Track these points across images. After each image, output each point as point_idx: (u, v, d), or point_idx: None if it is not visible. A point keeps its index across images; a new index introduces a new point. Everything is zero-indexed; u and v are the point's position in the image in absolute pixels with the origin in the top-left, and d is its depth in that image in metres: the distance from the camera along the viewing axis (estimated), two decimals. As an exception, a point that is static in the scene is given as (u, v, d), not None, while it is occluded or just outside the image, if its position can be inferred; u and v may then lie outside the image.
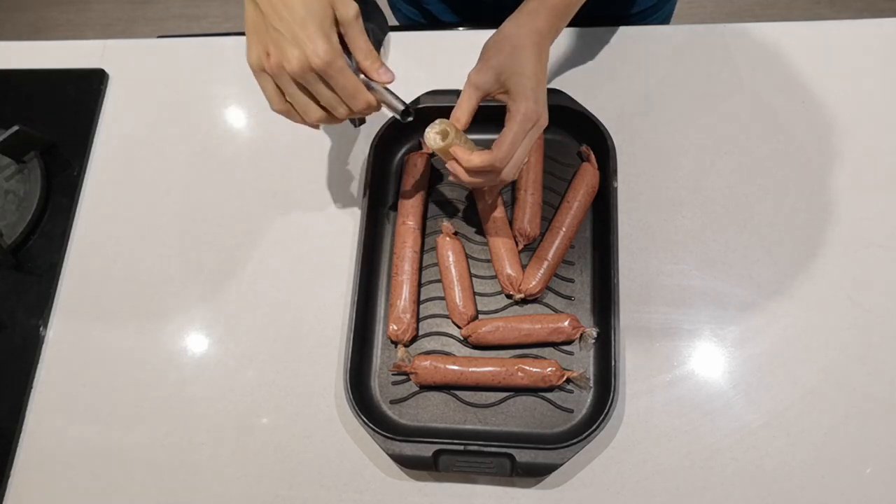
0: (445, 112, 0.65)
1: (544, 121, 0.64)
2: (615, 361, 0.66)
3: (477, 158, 0.62)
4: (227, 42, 0.93)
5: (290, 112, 0.61)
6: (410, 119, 0.63)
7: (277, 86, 0.59)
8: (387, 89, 0.61)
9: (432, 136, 0.64)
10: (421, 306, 0.75)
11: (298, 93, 0.59)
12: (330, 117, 0.61)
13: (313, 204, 0.82)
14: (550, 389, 0.70)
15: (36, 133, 0.86)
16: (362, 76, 0.59)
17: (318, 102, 0.59)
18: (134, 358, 0.77)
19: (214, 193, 0.84)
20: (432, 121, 0.64)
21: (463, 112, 0.64)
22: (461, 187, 0.80)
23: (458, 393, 0.71)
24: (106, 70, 0.93)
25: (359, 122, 0.73)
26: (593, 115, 0.76)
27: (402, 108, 0.62)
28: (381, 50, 0.68)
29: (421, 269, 0.77)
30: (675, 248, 0.75)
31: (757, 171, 0.78)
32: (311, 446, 0.71)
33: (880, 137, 0.78)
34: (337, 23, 0.57)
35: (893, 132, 0.78)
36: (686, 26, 0.86)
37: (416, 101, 0.76)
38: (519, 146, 0.62)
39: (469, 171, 0.64)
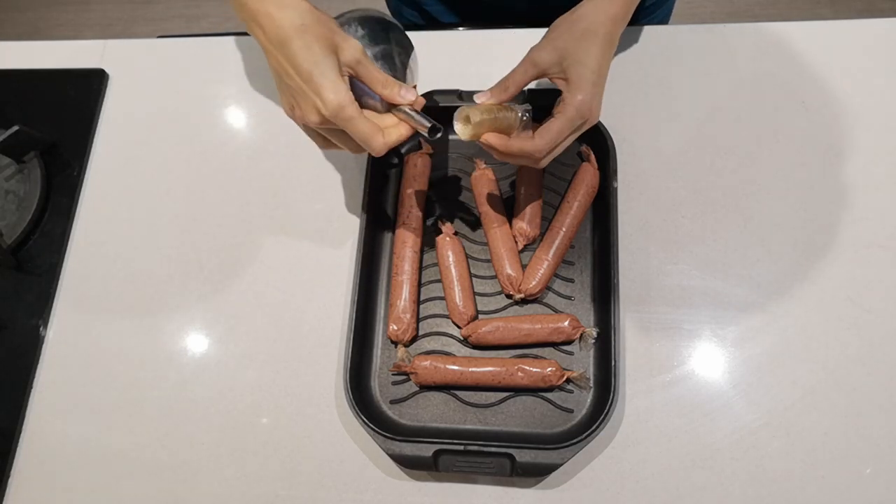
0: (447, 112, 0.65)
1: (595, 118, 0.61)
2: (615, 361, 0.66)
3: (516, 146, 0.60)
4: (227, 42, 0.93)
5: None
6: (439, 135, 0.61)
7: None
8: (414, 110, 0.61)
9: (459, 127, 0.62)
10: (421, 306, 0.75)
11: (331, 139, 0.61)
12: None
13: (313, 204, 0.82)
14: (550, 389, 0.70)
15: (36, 133, 0.86)
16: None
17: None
18: (134, 358, 0.77)
19: (214, 193, 0.84)
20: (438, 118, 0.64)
21: (512, 83, 0.62)
22: (461, 187, 0.80)
23: (458, 393, 0.71)
24: (106, 70, 0.93)
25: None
26: (593, 115, 0.76)
27: (428, 125, 0.61)
28: (408, 72, 0.67)
29: (421, 269, 0.77)
30: (675, 248, 0.75)
31: (757, 171, 0.78)
32: (311, 446, 0.71)
33: (880, 137, 0.78)
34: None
35: (893, 132, 0.78)
36: (686, 26, 0.86)
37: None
38: (563, 140, 0.60)
39: (505, 154, 0.62)
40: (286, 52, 0.57)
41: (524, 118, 0.63)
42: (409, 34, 0.71)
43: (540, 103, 0.68)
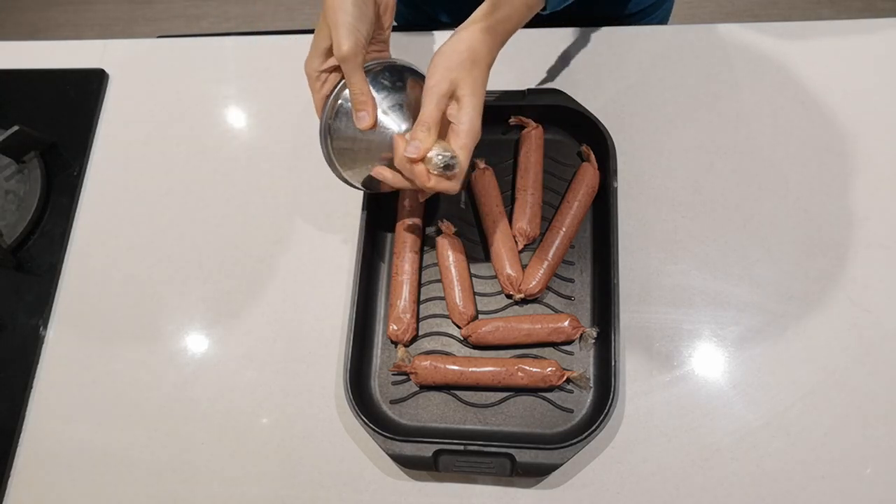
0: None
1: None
2: (615, 361, 0.66)
3: (437, 188, 0.62)
4: (227, 42, 0.93)
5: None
6: None
7: None
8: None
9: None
10: (421, 306, 0.75)
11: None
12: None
13: (313, 204, 0.82)
14: (550, 389, 0.70)
15: (36, 133, 0.86)
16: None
17: None
18: (134, 358, 0.77)
19: (214, 194, 0.84)
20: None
21: (433, 122, 0.62)
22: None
23: (458, 393, 0.71)
24: (106, 70, 0.93)
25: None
26: (593, 115, 0.76)
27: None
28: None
29: (421, 269, 0.77)
30: (675, 248, 0.75)
31: (757, 171, 0.78)
32: (311, 446, 0.71)
33: (880, 137, 0.78)
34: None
35: (893, 132, 0.78)
36: (686, 26, 0.86)
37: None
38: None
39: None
40: None
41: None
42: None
43: (538, 102, 0.67)
